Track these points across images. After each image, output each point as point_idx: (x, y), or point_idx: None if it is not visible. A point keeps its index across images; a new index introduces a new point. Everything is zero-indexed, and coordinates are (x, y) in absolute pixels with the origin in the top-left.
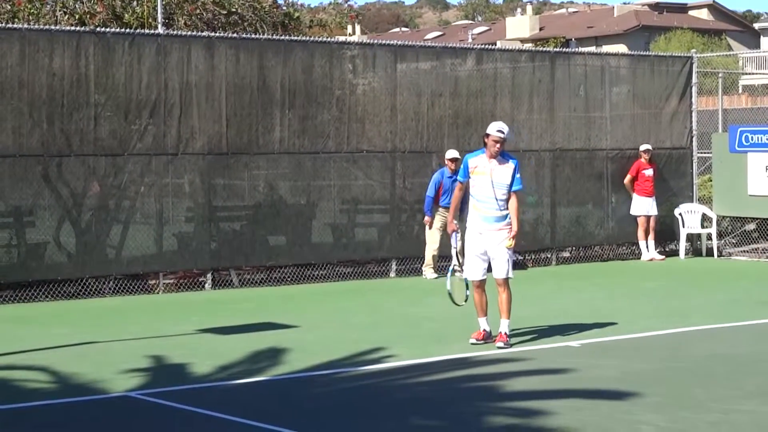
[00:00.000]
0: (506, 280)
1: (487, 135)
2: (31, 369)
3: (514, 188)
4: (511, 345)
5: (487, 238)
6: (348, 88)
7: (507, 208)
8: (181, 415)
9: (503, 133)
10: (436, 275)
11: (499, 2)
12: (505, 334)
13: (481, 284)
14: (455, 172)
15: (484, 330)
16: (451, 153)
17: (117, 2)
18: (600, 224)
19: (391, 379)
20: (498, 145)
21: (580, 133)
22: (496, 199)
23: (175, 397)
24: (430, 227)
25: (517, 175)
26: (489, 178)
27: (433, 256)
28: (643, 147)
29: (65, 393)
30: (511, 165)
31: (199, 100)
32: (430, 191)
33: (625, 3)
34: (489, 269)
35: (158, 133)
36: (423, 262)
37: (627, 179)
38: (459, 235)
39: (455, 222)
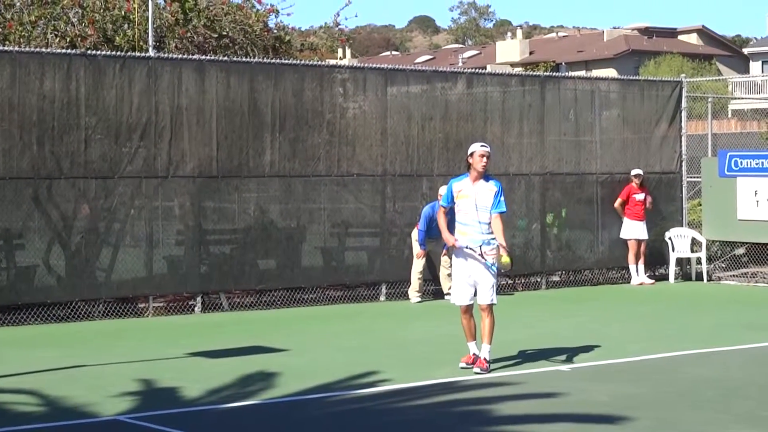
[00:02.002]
0: (490, 305)
1: (471, 154)
2: (20, 392)
3: (495, 210)
4: (490, 371)
5: (473, 263)
6: (338, 111)
7: (491, 232)
8: None
9: (487, 147)
10: (419, 299)
11: (490, 26)
12: (485, 359)
13: (468, 309)
14: None
15: (474, 354)
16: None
17: (108, 25)
18: (590, 248)
19: (382, 403)
20: (485, 160)
21: (570, 157)
22: (480, 222)
23: (165, 421)
24: (421, 258)
25: (501, 198)
26: (473, 202)
27: (419, 280)
28: (634, 172)
29: (54, 417)
30: (493, 187)
31: (190, 123)
32: (422, 225)
33: (614, 27)
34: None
35: (149, 155)
36: (410, 286)
37: (617, 203)
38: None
39: (452, 237)
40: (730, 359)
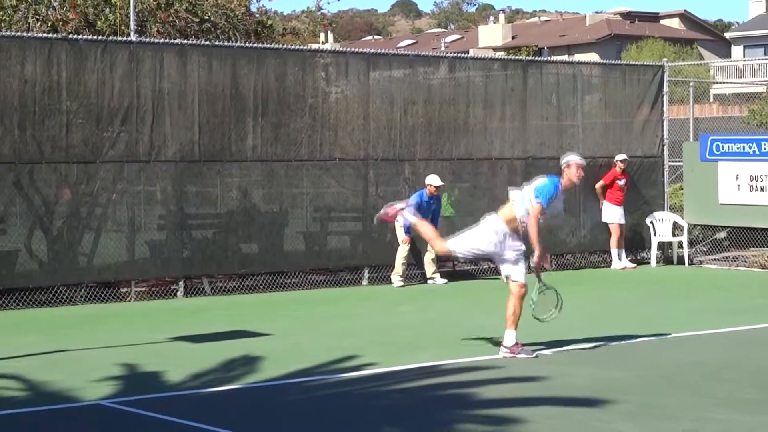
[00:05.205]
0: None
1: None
2: (2, 377)
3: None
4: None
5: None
6: (321, 95)
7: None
8: (153, 424)
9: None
10: (402, 283)
11: (472, 11)
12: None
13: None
14: (433, 196)
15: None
16: (435, 180)
17: (90, 9)
18: (572, 232)
19: (364, 387)
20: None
21: (552, 142)
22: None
23: (147, 406)
24: (406, 244)
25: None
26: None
27: (402, 265)
28: (619, 157)
29: (36, 401)
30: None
31: (172, 108)
32: None
33: (597, 12)
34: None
35: (130, 140)
36: (393, 270)
37: (599, 185)
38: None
39: None
40: (712, 343)
